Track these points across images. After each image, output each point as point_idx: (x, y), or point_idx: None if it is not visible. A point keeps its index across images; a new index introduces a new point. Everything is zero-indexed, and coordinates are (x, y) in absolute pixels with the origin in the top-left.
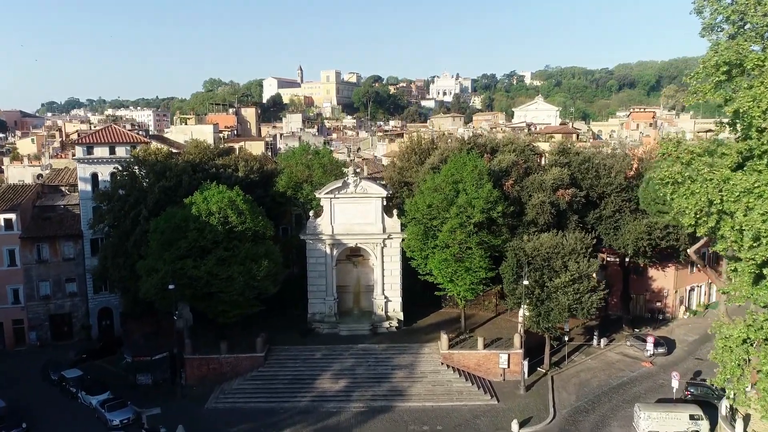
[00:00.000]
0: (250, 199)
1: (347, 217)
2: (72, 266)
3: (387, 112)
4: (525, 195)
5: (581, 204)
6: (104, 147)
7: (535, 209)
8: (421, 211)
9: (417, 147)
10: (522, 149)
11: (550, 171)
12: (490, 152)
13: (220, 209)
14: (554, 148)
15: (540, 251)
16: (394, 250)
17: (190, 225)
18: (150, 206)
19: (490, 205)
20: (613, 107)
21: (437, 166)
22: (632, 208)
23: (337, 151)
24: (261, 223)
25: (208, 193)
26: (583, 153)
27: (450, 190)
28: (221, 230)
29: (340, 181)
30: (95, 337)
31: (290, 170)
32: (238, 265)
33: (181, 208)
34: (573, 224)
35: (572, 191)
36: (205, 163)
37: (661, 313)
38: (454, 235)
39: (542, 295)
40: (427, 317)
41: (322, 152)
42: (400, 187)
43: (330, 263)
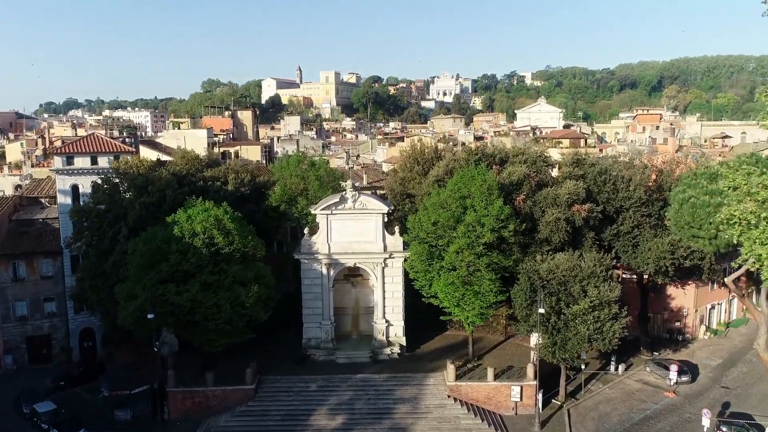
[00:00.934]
0: (239, 217)
1: (345, 235)
2: (51, 285)
3: (387, 113)
4: (537, 211)
5: (597, 220)
6: (85, 157)
7: (549, 227)
8: (426, 229)
9: (420, 156)
10: (534, 160)
11: (564, 184)
12: (499, 163)
13: (205, 229)
14: (567, 158)
15: (555, 274)
16: (395, 270)
17: (172, 247)
18: (130, 224)
19: (501, 224)
20: (615, 108)
21: (442, 178)
22: (652, 223)
23: (336, 156)
24: (251, 244)
25: (192, 211)
26: (600, 164)
27: (457, 207)
28: (206, 253)
29: (338, 196)
30: (76, 360)
31: (284, 182)
32: (225, 290)
33: (163, 227)
34: (589, 242)
35: (588, 206)
36: (193, 175)
37: (681, 334)
38: (462, 256)
39: (559, 323)
40: (432, 341)
41: (319, 163)
42: (401, 199)
43: (326, 284)
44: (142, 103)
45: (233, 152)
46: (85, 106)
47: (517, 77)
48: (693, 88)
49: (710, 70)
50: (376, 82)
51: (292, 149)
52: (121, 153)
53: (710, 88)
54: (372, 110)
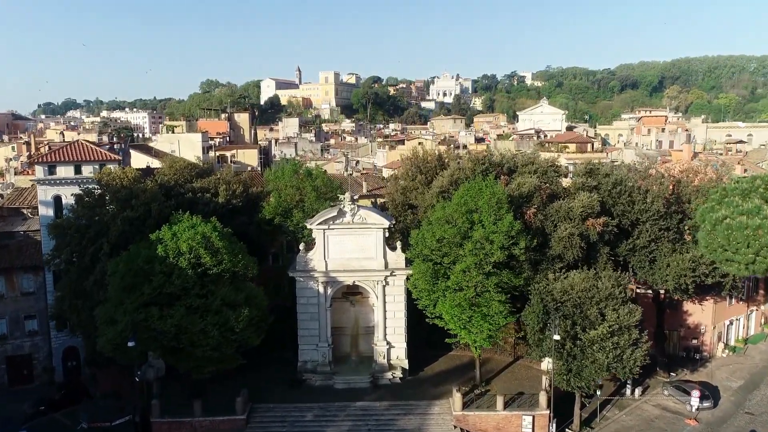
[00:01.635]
0: (229, 233)
1: (343, 251)
2: (32, 301)
3: (386, 113)
4: (549, 225)
5: (612, 234)
6: (68, 166)
7: (561, 243)
8: (430, 246)
9: (422, 164)
10: (544, 170)
11: (577, 196)
12: (507, 173)
13: (191, 248)
14: (580, 168)
15: (570, 295)
16: (397, 289)
17: (156, 268)
18: (112, 240)
19: (511, 241)
20: (616, 108)
21: (447, 189)
22: (671, 237)
23: (335, 160)
24: (241, 263)
25: (177, 228)
26: (614, 174)
27: (463, 222)
28: (192, 274)
29: (335, 210)
30: (59, 381)
31: (278, 194)
32: (213, 314)
33: (146, 245)
34: (604, 258)
35: (603, 220)
36: (182, 186)
37: (698, 352)
38: (469, 275)
39: (574, 349)
40: (436, 362)
41: (315, 173)
42: (403, 210)
43: (323, 304)
44: (140, 104)
45: (229, 156)
46: (83, 107)
47: (517, 77)
48: (694, 88)
49: (711, 70)
50: (375, 82)
51: (290, 153)
52: (107, 161)
53: (711, 89)
54: (372, 111)
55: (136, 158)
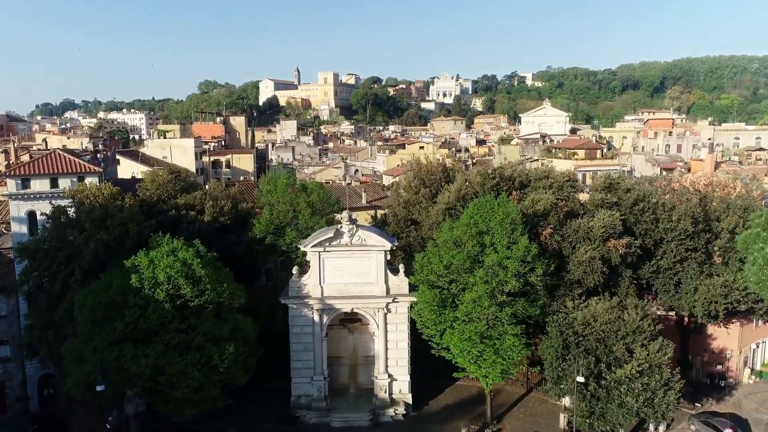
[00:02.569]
0: (214, 257)
1: (341, 276)
2: (4, 325)
3: (386, 114)
4: (567, 247)
5: (636, 256)
6: (44, 179)
7: (581, 267)
8: (437, 271)
9: (426, 176)
10: (560, 185)
11: (597, 215)
12: (519, 187)
13: (170, 278)
14: (599, 182)
15: (593, 327)
16: (400, 316)
17: (129, 300)
18: (85, 265)
19: (527, 267)
20: (618, 109)
21: (453, 205)
22: (699, 259)
23: (333, 165)
24: (226, 292)
25: (155, 254)
26: (636, 190)
27: (473, 245)
28: (169, 308)
29: (332, 230)
30: (34, 411)
31: (270, 210)
32: (195, 351)
33: (120, 274)
34: (626, 281)
35: (626, 241)
36: (164, 202)
37: (723, 378)
38: (481, 306)
39: (599, 390)
40: (442, 395)
41: (311, 187)
42: (406, 225)
43: (319, 333)
44: (139, 104)
45: (224, 161)
46: (81, 107)
47: (517, 78)
48: (696, 89)
49: (713, 70)
50: (375, 83)
51: (288, 157)
52: (86, 174)
53: (713, 89)
54: (371, 112)
55: (125, 165)
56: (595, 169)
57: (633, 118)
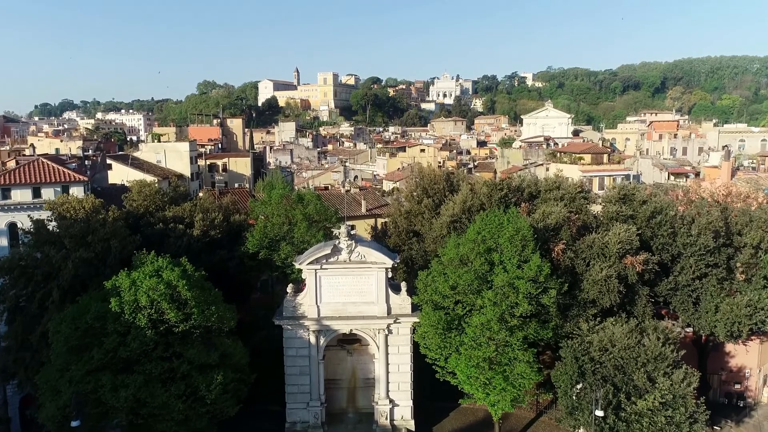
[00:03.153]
0: (202, 277)
1: (339, 295)
2: None
3: (386, 115)
4: (580, 263)
5: (653, 273)
6: (25, 189)
7: (597, 286)
8: (442, 291)
9: (429, 185)
10: (572, 196)
11: (612, 229)
12: (528, 199)
13: (153, 302)
14: (612, 194)
15: (611, 353)
16: (402, 338)
17: (108, 327)
18: (64, 285)
19: (540, 288)
20: (619, 110)
21: (459, 218)
22: (720, 275)
23: (332, 169)
24: (215, 316)
25: (138, 275)
26: (653, 202)
27: (481, 263)
28: (151, 335)
29: (329, 246)
30: None
31: (263, 223)
32: (179, 381)
33: (100, 296)
34: (643, 300)
35: (644, 257)
36: (152, 215)
37: (741, 398)
38: (490, 331)
39: (618, 423)
40: (446, 420)
41: (307, 198)
42: (407, 237)
43: (315, 356)
44: (138, 105)
45: (220, 165)
46: (80, 108)
47: (518, 78)
48: (697, 89)
49: (714, 71)
50: (375, 83)
51: (286, 160)
52: (71, 183)
53: (714, 90)
54: (371, 112)
55: (118, 170)
56: (602, 174)
57: (635, 119)
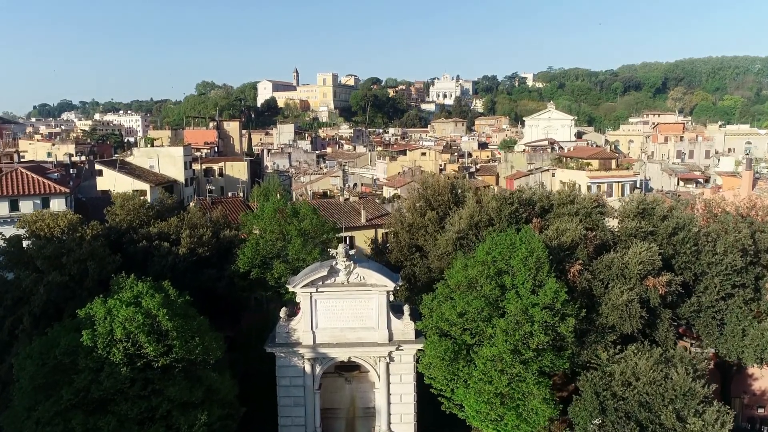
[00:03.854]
0: (185, 303)
1: (336, 320)
2: None
3: (386, 116)
4: (598, 285)
5: (676, 294)
6: (2, 201)
7: (617, 311)
8: (449, 319)
9: (433, 198)
10: (587, 211)
11: (632, 248)
12: (540, 213)
13: (129, 334)
14: (630, 207)
15: (636, 387)
16: (405, 366)
17: (80, 363)
18: (36, 311)
19: (557, 316)
20: (620, 110)
21: (465, 234)
22: (747, 296)
23: (331, 174)
24: (199, 348)
25: (114, 303)
26: (675, 217)
27: (491, 288)
28: (126, 373)
29: (325, 268)
30: None
31: (255, 240)
32: (159, 422)
33: (73, 326)
34: (665, 324)
35: (667, 278)
36: (135, 231)
37: (765, 424)
38: (502, 365)
39: None
40: None
41: (303, 212)
42: (410, 252)
43: (311, 386)
44: (136, 105)
45: (217, 169)
46: (79, 108)
47: (518, 79)
48: (698, 90)
49: (715, 71)
50: (374, 84)
51: (284, 164)
52: (51, 195)
53: (716, 90)
54: (371, 113)
55: (108, 177)
56: (610, 181)
57: (638, 120)
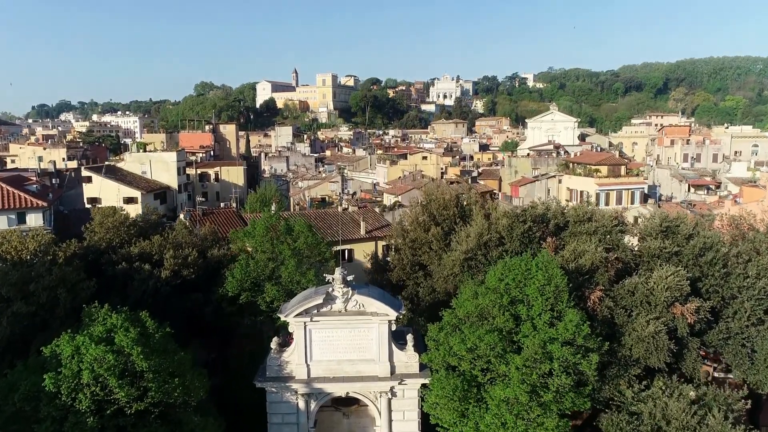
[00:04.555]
0: (165, 335)
1: (333, 351)
2: None
3: (386, 116)
4: (621, 313)
5: (704, 322)
6: None
7: (643, 344)
8: (458, 354)
9: (437, 212)
10: (607, 230)
11: (656, 271)
12: (555, 232)
13: (98, 378)
14: (652, 225)
15: None
16: (408, 402)
17: (42, 411)
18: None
19: (578, 353)
20: (622, 111)
21: (474, 254)
22: None
23: (330, 179)
24: (179, 390)
25: (82, 340)
26: (702, 236)
27: (505, 320)
28: (93, 424)
29: (321, 295)
30: None
31: (245, 261)
32: None
33: (38, 365)
34: (693, 355)
35: (696, 305)
36: (115, 251)
37: None
38: (518, 405)
39: None
40: None
41: (297, 229)
42: (412, 271)
43: (305, 423)
44: (135, 106)
45: (212, 174)
46: (77, 109)
47: (518, 79)
48: (700, 90)
49: (717, 71)
50: (374, 84)
51: (282, 168)
52: (28, 209)
53: (717, 91)
54: (370, 114)
55: (98, 184)
56: (619, 188)
57: (640, 121)
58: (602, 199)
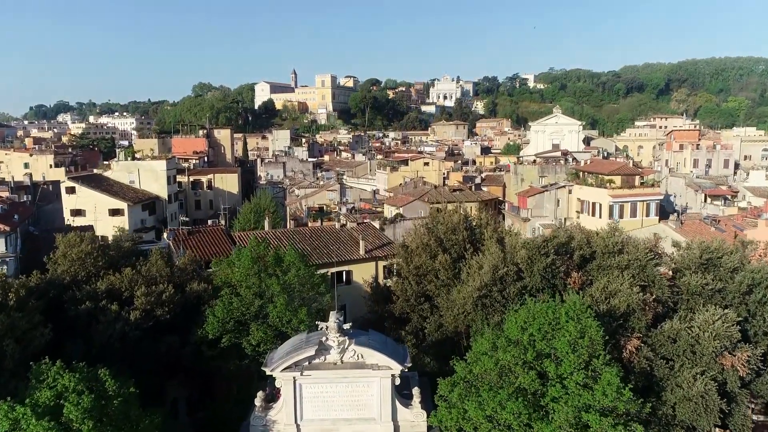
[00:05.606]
0: (128, 396)
1: (327, 409)
2: None
3: (386, 117)
4: (661, 365)
5: (755, 372)
6: None
7: (690, 404)
8: (474, 421)
9: (445, 237)
10: (642, 264)
11: (700, 314)
12: (579, 264)
13: None
14: (691, 257)
15: None
16: None
17: None
18: None
19: (620, 425)
20: (623, 112)
21: (489, 291)
22: None
23: (328, 188)
24: None
25: (23, 411)
26: (751, 272)
27: (530, 381)
28: None
29: (312, 345)
30: None
31: (227, 299)
32: None
33: None
34: (742, 409)
35: (747, 354)
36: (79, 287)
37: None
38: None
39: None
40: None
41: (288, 260)
42: (417, 302)
43: None
44: (133, 106)
45: (205, 181)
46: (75, 110)
47: (519, 80)
48: (702, 91)
49: (718, 72)
50: (374, 85)
51: (278, 174)
52: None
53: (719, 92)
54: (370, 115)
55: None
56: (634, 200)
57: (645, 123)
58: (616, 211)
